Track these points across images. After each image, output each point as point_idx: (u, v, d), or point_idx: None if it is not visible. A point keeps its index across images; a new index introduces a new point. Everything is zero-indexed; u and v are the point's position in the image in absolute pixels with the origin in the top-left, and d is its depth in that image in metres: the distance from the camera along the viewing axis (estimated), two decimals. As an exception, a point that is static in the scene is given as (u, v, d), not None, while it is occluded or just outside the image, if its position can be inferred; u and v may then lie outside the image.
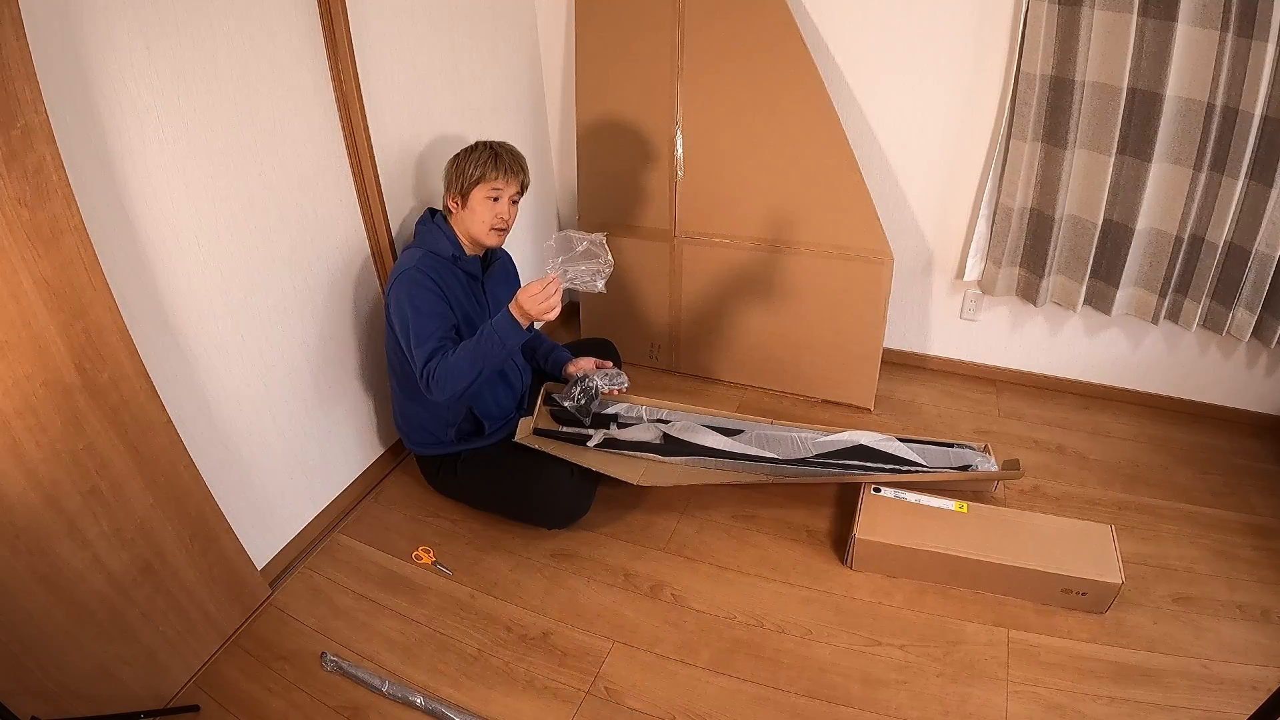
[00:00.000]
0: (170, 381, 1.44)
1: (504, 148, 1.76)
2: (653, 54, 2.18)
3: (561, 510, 1.88)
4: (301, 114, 1.63)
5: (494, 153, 1.74)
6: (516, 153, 1.78)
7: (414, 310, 1.67)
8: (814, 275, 2.24)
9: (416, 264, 1.70)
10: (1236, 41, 1.68)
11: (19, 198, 1.09)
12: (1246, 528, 1.90)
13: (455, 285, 1.76)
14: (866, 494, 1.82)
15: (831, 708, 1.49)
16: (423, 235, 1.80)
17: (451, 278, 1.75)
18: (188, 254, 1.45)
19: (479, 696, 1.54)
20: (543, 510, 1.88)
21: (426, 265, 1.71)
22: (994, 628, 1.64)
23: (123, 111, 1.27)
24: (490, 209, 1.75)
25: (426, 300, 1.68)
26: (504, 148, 1.76)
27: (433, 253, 1.74)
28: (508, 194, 1.76)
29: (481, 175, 1.72)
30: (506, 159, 1.75)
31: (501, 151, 1.75)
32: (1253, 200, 1.84)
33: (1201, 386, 2.29)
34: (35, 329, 1.15)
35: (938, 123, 2.13)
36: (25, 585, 1.22)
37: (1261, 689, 1.48)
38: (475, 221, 1.76)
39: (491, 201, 1.75)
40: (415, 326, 1.67)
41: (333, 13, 1.61)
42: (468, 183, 1.73)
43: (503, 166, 1.74)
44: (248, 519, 1.69)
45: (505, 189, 1.75)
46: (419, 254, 1.73)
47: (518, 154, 1.78)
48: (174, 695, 1.53)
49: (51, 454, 1.21)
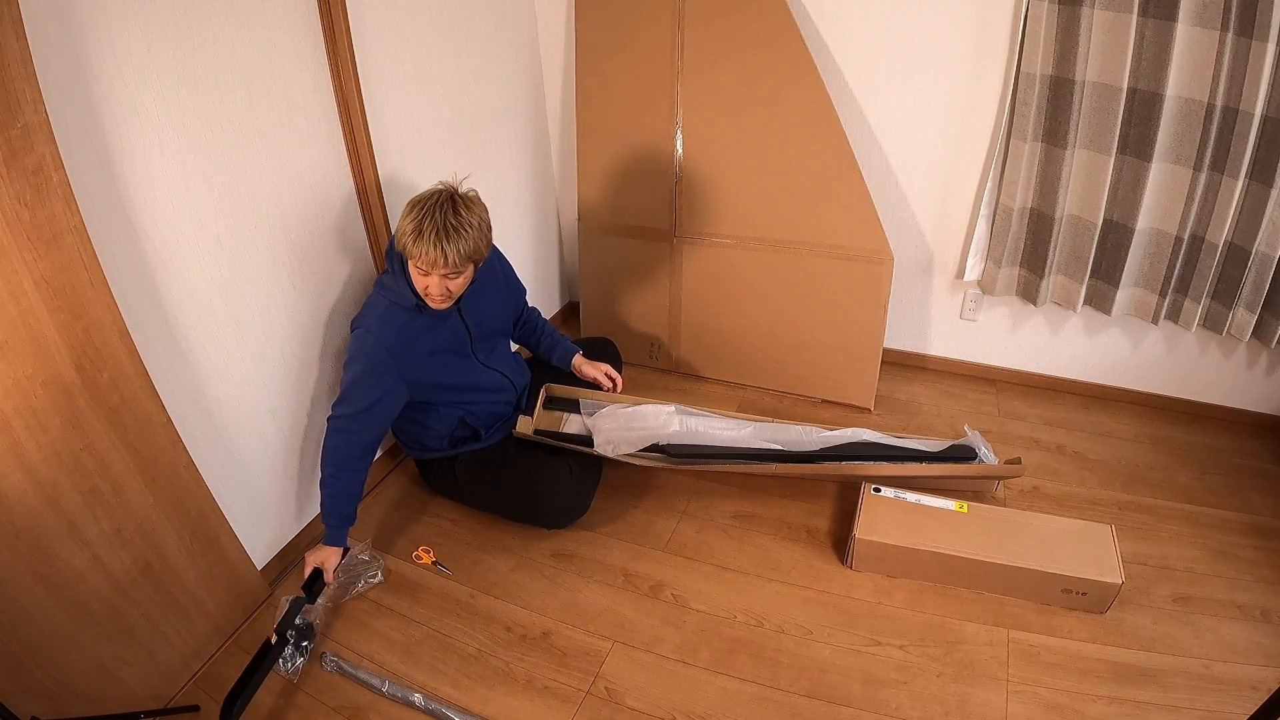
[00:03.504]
0: (170, 381, 1.44)
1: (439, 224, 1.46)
2: (653, 54, 2.18)
3: (560, 510, 1.88)
4: (301, 114, 1.63)
5: (419, 230, 1.47)
6: (453, 227, 1.47)
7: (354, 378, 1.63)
8: (814, 275, 2.24)
9: (377, 325, 1.61)
10: (1236, 41, 1.68)
11: (19, 198, 1.09)
12: (1246, 528, 1.90)
13: (421, 331, 1.67)
14: (866, 494, 1.82)
15: (831, 708, 1.49)
16: (386, 279, 1.65)
17: (415, 327, 1.66)
18: (188, 254, 1.45)
19: (479, 696, 1.54)
20: (541, 510, 1.88)
21: (389, 336, 1.60)
22: (994, 628, 1.64)
23: (123, 111, 1.27)
24: (420, 279, 1.55)
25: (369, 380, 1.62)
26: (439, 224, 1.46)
27: (395, 304, 1.62)
28: (436, 274, 1.52)
29: (403, 248, 1.51)
30: (430, 235, 1.45)
31: (431, 230, 1.46)
32: (1253, 200, 1.83)
33: (1202, 386, 2.29)
34: (35, 329, 1.15)
35: (938, 122, 2.13)
36: (25, 585, 1.22)
37: (1261, 689, 1.48)
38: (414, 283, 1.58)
39: (421, 274, 1.54)
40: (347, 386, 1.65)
41: (333, 13, 1.61)
42: (400, 248, 1.53)
43: (422, 248, 1.47)
44: (248, 519, 1.69)
45: (430, 268, 1.50)
46: (383, 306, 1.63)
47: (453, 228, 1.47)
48: (174, 695, 1.53)
49: (51, 454, 1.21)
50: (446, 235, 1.47)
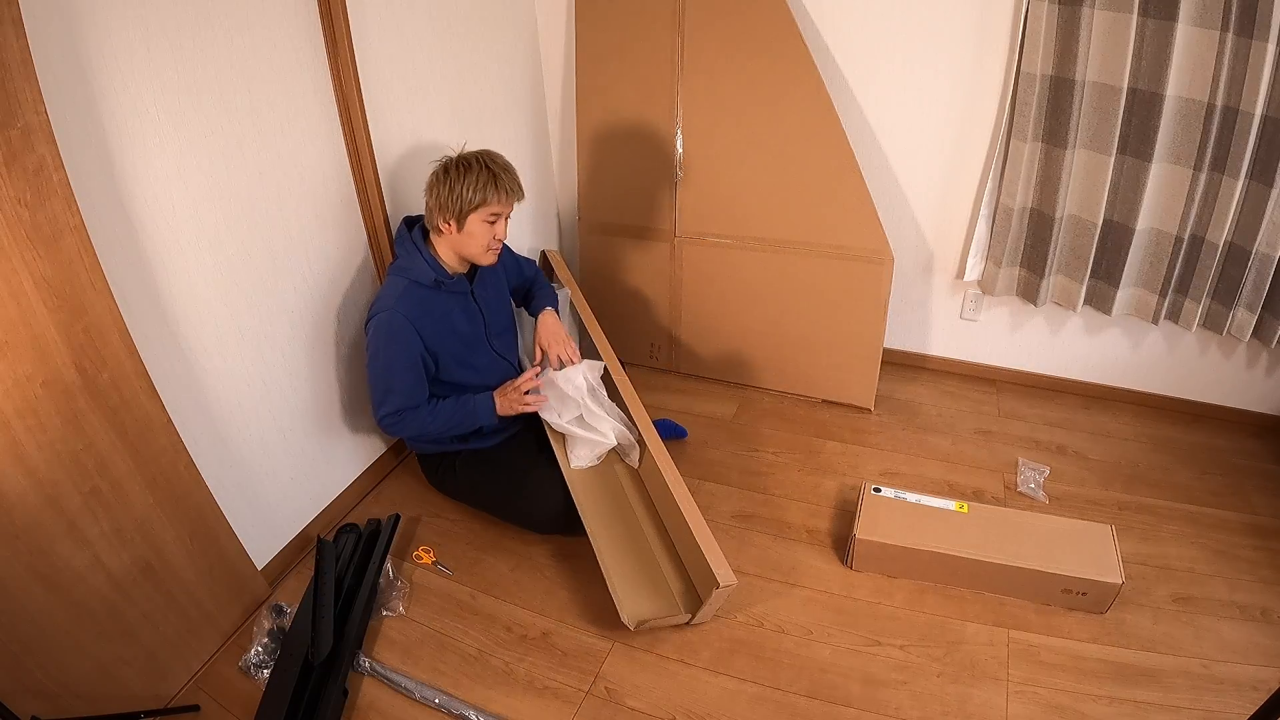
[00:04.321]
0: (170, 381, 1.44)
1: (500, 165, 1.64)
2: (653, 54, 2.18)
3: (548, 518, 1.85)
4: (301, 114, 1.63)
5: (492, 174, 1.61)
6: (511, 168, 1.67)
7: (386, 364, 1.67)
8: (814, 275, 2.24)
9: (396, 304, 1.65)
10: (1236, 41, 1.68)
11: (19, 198, 1.09)
12: (1246, 528, 1.90)
13: (442, 310, 1.72)
14: (866, 494, 1.82)
15: (831, 708, 1.49)
16: (402, 259, 1.72)
17: (436, 304, 1.71)
18: (188, 254, 1.45)
19: (479, 696, 1.54)
20: (532, 516, 1.87)
21: (406, 305, 1.65)
22: (994, 628, 1.64)
23: (123, 112, 1.27)
24: (488, 232, 1.66)
25: (399, 353, 1.66)
26: (500, 165, 1.64)
27: (414, 282, 1.68)
28: (505, 214, 1.68)
29: (482, 200, 1.61)
30: (506, 180, 1.63)
31: (499, 172, 1.63)
32: (1253, 200, 1.83)
33: (1202, 386, 2.29)
34: (35, 329, 1.15)
35: (938, 123, 2.13)
36: (25, 585, 1.22)
37: (1261, 689, 1.48)
38: (471, 245, 1.67)
39: (489, 224, 1.65)
40: (383, 378, 1.69)
41: (333, 13, 1.61)
42: (466, 207, 1.62)
43: (503, 188, 1.62)
44: (248, 519, 1.69)
45: (504, 210, 1.66)
46: (401, 285, 1.67)
47: (512, 169, 1.68)
48: (174, 695, 1.53)
49: (51, 454, 1.21)
50: (511, 175, 1.65)
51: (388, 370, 1.69)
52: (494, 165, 1.63)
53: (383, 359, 1.68)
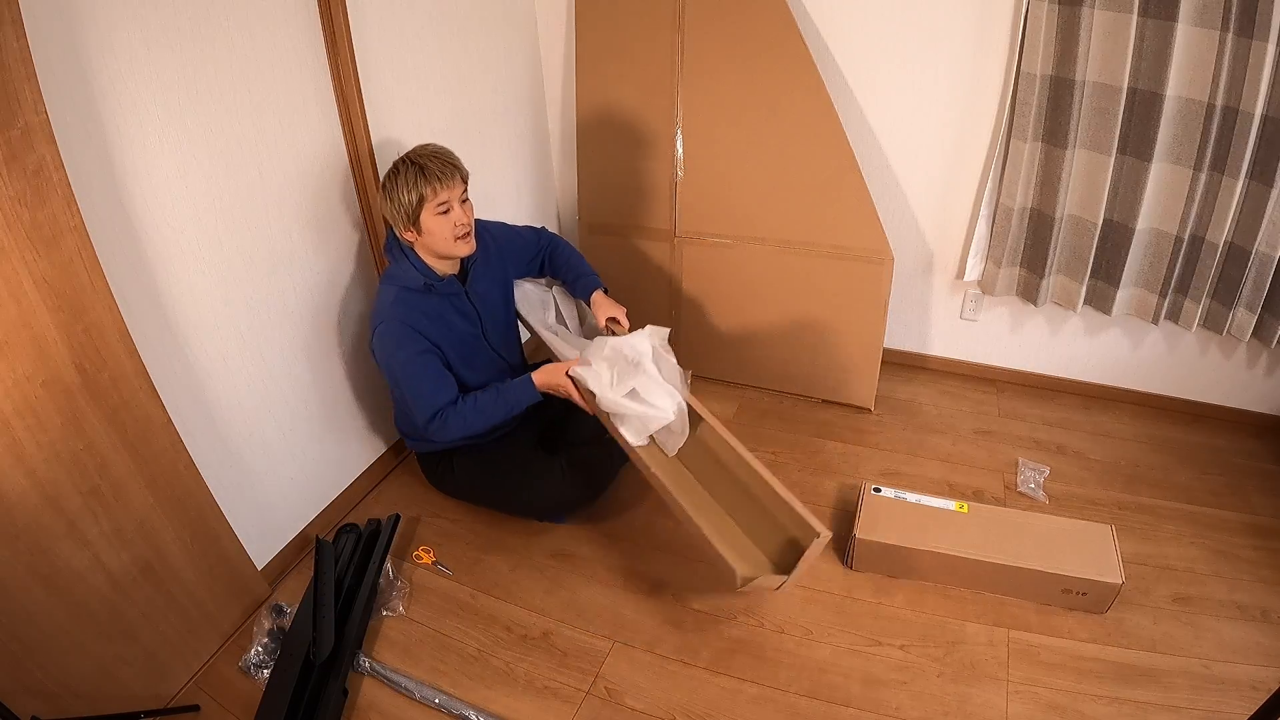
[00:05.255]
0: (170, 381, 1.44)
1: (426, 154, 1.60)
2: (653, 54, 2.18)
3: (550, 501, 1.88)
4: (301, 114, 1.63)
5: (418, 167, 1.57)
6: (442, 153, 1.62)
7: (403, 372, 1.66)
8: (814, 275, 2.24)
9: (391, 311, 1.64)
10: (1236, 41, 1.68)
11: (19, 198, 1.09)
12: (1246, 528, 1.90)
13: (437, 313, 1.71)
14: (867, 494, 1.82)
15: (831, 708, 1.49)
16: (391, 267, 1.70)
17: (429, 308, 1.69)
18: (188, 254, 1.45)
19: (479, 696, 1.54)
20: (532, 501, 1.88)
21: (402, 310, 1.64)
22: (994, 628, 1.64)
23: (123, 112, 1.27)
24: (446, 223, 1.62)
25: (411, 356, 1.65)
26: (426, 154, 1.60)
27: (405, 288, 1.67)
28: (455, 199, 1.62)
29: (419, 196, 1.57)
30: (435, 166, 1.58)
31: (425, 161, 1.58)
32: (1253, 200, 1.83)
33: (1202, 386, 2.29)
34: (35, 329, 1.15)
35: (938, 122, 2.13)
36: (25, 585, 1.22)
37: (1261, 689, 1.48)
38: (438, 242, 1.64)
39: (443, 215, 1.61)
40: (408, 387, 1.67)
41: (333, 13, 1.61)
42: (410, 209, 1.59)
43: (434, 176, 1.57)
44: (248, 519, 1.69)
45: (450, 195, 1.60)
46: (392, 293, 1.66)
47: (442, 152, 1.62)
48: (174, 695, 1.53)
49: (51, 454, 1.21)
50: (440, 159, 1.60)
51: (407, 377, 1.67)
52: (419, 158, 1.59)
53: (398, 368, 1.67)
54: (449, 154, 1.63)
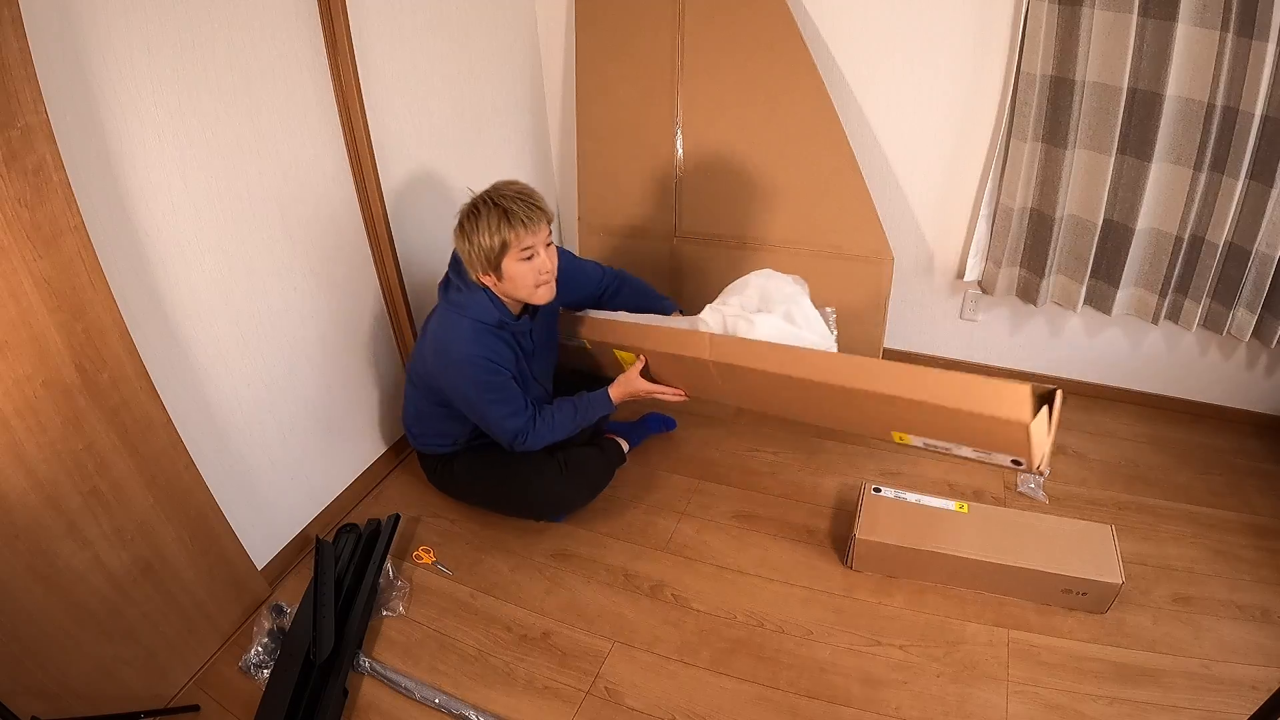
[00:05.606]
0: (170, 381, 1.44)
1: (510, 196, 1.49)
2: (653, 54, 2.18)
3: (547, 500, 1.88)
4: (301, 114, 1.63)
5: (504, 211, 1.47)
6: (527, 193, 1.52)
7: (487, 406, 1.67)
8: (814, 275, 2.22)
9: (472, 350, 1.59)
10: (1237, 41, 1.68)
11: (19, 198, 1.09)
12: (1246, 528, 1.90)
13: (505, 345, 1.68)
14: (866, 494, 1.82)
15: (832, 708, 1.49)
16: (461, 297, 1.62)
17: (501, 341, 1.66)
18: (188, 254, 1.45)
19: (479, 696, 1.54)
20: (529, 499, 1.88)
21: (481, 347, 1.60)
22: (994, 628, 1.64)
23: (123, 111, 1.27)
24: (529, 269, 1.53)
25: (495, 387, 1.64)
26: (510, 196, 1.49)
27: (479, 321, 1.60)
28: (540, 243, 1.53)
29: (503, 241, 1.48)
30: (521, 210, 1.47)
31: (511, 204, 1.48)
32: (1253, 200, 1.83)
33: (1202, 386, 2.29)
34: (35, 329, 1.15)
35: (938, 123, 2.13)
36: (25, 585, 1.22)
37: (1261, 689, 1.48)
38: (519, 288, 1.56)
39: (527, 261, 1.52)
40: (492, 418, 1.69)
41: (333, 13, 1.61)
42: (493, 256, 1.50)
43: (520, 221, 1.47)
44: (248, 519, 1.69)
45: (536, 240, 1.51)
46: (467, 327, 1.60)
47: (526, 192, 1.52)
48: (174, 695, 1.53)
49: (51, 454, 1.21)
50: (526, 201, 1.50)
51: (489, 405, 1.67)
52: (503, 200, 1.49)
53: (481, 403, 1.67)
54: (533, 195, 1.53)
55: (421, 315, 2.12)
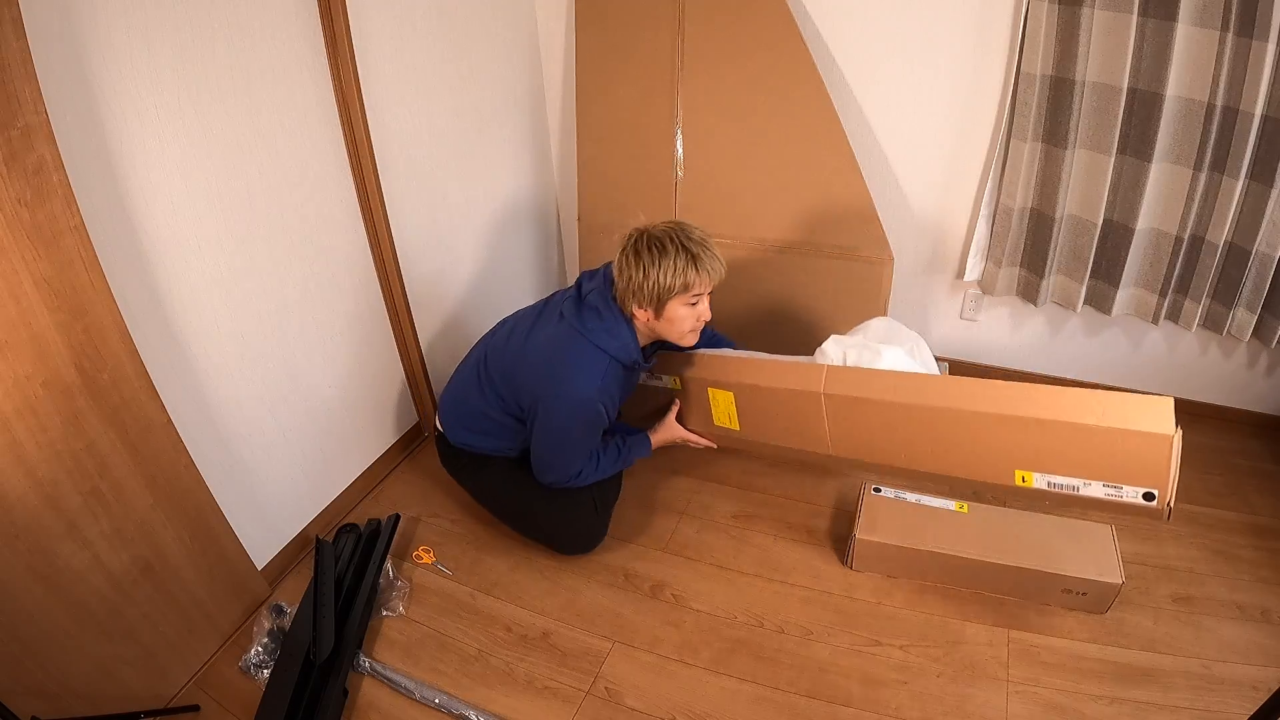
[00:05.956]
0: (170, 381, 1.44)
1: (698, 242, 1.51)
2: (653, 54, 2.18)
3: (577, 540, 1.83)
4: (301, 114, 1.63)
5: (692, 256, 1.48)
6: (709, 242, 1.53)
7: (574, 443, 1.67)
8: (814, 275, 2.24)
9: (602, 386, 1.56)
10: (1237, 41, 1.68)
11: (19, 198, 1.09)
12: (1247, 528, 1.90)
13: (620, 390, 1.67)
14: (866, 494, 1.82)
15: (831, 708, 1.49)
16: (603, 328, 1.58)
17: (620, 384, 1.66)
18: (188, 254, 1.45)
19: (479, 696, 1.54)
20: (559, 536, 1.83)
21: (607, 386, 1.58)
22: (994, 628, 1.64)
23: (123, 111, 1.27)
24: (690, 315, 1.55)
25: (592, 433, 1.66)
26: (698, 242, 1.51)
27: (615, 360, 1.58)
28: (707, 294, 1.56)
29: (684, 284, 1.49)
30: (708, 261, 1.50)
31: (699, 251, 1.49)
32: (1253, 200, 1.83)
33: (1202, 387, 2.29)
34: (35, 329, 1.15)
35: (938, 123, 2.13)
36: (25, 585, 1.22)
37: (1262, 689, 1.48)
38: (672, 330, 1.57)
39: (691, 307, 1.55)
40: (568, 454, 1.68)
41: (333, 13, 1.61)
42: (664, 295, 1.51)
43: (705, 270, 1.49)
44: (248, 519, 1.69)
45: (707, 290, 1.55)
46: (603, 364, 1.56)
47: (710, 244, 1.53)
48: (174, 695, 1.53)
49: (51, 454, 1.21)
50: (710, 251, 1.52)
51: (572, 445, 1.68)
52: (691, 244, 1.49)
53: (571, 440, 1.66)
54: (713, 244, 1.54)
55: (421, 315, 2.12)
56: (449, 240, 2.21)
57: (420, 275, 2.09)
